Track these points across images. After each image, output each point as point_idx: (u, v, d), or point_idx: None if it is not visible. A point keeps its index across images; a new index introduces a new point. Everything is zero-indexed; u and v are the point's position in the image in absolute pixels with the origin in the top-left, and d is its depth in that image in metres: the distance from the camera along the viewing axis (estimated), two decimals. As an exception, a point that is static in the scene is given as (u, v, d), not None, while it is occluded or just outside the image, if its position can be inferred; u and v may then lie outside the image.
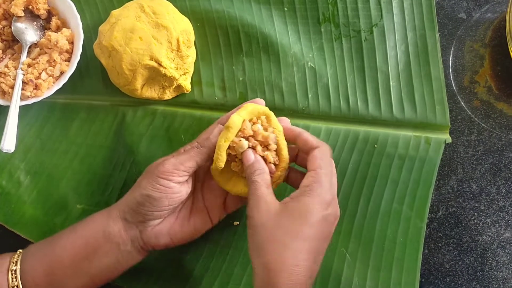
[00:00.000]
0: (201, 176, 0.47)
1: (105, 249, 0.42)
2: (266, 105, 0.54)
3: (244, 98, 0.55)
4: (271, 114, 0.43)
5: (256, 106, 0.43)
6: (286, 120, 0.45)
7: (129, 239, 0.43)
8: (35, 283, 0.42)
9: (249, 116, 0.43)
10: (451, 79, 0.54)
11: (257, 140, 0.42)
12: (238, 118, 0.42)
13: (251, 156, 0.41)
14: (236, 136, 0.42)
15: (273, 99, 0.54)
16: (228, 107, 0.55)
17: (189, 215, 0.45)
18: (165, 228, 0.44)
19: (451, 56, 0.55)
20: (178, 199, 0.42)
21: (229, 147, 0.42)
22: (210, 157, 0.43)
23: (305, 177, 0.40)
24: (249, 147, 0.42)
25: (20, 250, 0.44)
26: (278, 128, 0.43)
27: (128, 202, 0.43)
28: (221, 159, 0.42)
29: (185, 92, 0.55)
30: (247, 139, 0.42)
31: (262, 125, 0.43)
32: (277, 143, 0.42)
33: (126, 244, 0.43)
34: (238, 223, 0.51)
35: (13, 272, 0.41)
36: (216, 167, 0.42)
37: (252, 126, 0.42)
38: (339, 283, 0.48)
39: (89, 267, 0.42)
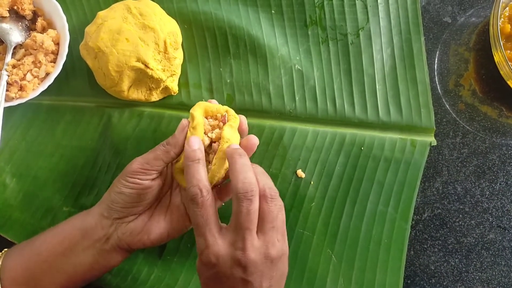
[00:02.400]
0: None
1: (82, 245, 0.43)
2: (254, 107, 0.54)
3: (231, 100, 0.55)
4: (229, 110, 0.44)
5: (210, 104, 0.44)
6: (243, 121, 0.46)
7: (105, 236, 0.43)
8: (13, 279, 0.42)
9: (207, 114, 0.44)
10: (436, 82, 0.55)
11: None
12: (200, 116, 0.43)
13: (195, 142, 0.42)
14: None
15: (260, 101, 0.54)
16: (215, 109, 0.55)
17: (165, 212, 0.45)
18: (140, 225, 0.44)
19: (436, 59, 0.55)
20: (149, 195, 0.43)
21: None
22: (177, 155, 0.44)
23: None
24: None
25: (6, 249, 0.45)
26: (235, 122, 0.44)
27: (104, 200, 0.44)
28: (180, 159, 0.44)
29: (172, 94, 0.55)
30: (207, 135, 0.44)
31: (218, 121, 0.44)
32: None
33: (102, 241, 0.43)
34: (225, 225, 0.51)
35: None
36: (177, 166, 0.44)
37: (210, 122, 0.44)
38: (324, 284, 0.48)
39: (66, 263, 0.43)
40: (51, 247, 0.43)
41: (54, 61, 0.54)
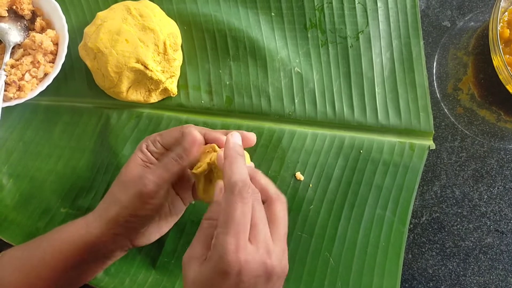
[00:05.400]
0: None
1: (90, 262, 0.42)
2: (253, 110, 0.54)
3: (230, 102, 0.54)
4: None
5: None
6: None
7: (117, 248, 0.42)
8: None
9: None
10: (435, 86, 0.55)
11: None
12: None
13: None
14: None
15: (260, 103, 0.54)
16: (214, 111, 0.55)
17: (168, 207, 0.45)
18: (155, 228, 0.44)
19: (435, 63, 0.55)
20: (162, 205, 0.42)
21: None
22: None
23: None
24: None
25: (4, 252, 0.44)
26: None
27: (113, 219, 0.40)
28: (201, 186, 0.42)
29: (171, 95, 0.55)
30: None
31: None
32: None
33: (114, 252, 0.42)
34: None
35: None
36: (197, 171, 0.42)
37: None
38: (322, 287, 0.48)
39: (73, 277, 0.42)
40: (50, 265, 0.41)
41: (52, 61, 0.54)
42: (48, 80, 0.53)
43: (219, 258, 0.32)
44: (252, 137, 0.43)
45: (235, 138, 0.39)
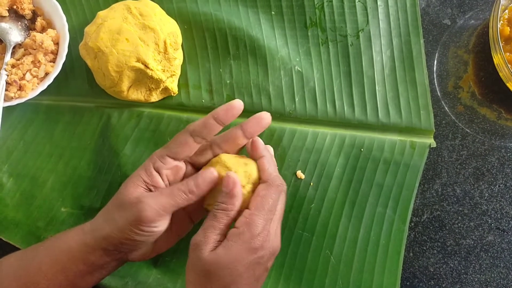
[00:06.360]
0: None
1: (86, 273, 0.41)
2: (254, 108, 0.54)
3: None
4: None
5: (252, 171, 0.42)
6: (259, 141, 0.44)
7: (112, 260, 0.42)
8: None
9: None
10: (436, 84, 0.55)
11: None
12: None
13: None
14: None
15: (260, 102, 0.54)
16: (215, 110, 0.55)
17: (171, 227, 0.43)
18: (151, 249, 0.43)
19: (435, 61, 0.55)
20: (161, 232, 0.41)
21: None
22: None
23: (242, 215, 0.39)
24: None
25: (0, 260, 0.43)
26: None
27: (107, 238, 0.39)
28: None
29: (172, 94, 0.55)
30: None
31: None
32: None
33: (110, 263, 0.42)
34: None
35: None
36: None
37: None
38: (323, 285, 0.48)
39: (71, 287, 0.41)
40: (47, 275, 0.40)
41: (53, 61, 0.54)
42: (49, 80, 0.53)
43: (251, 237, 0.38)
44: (265, 116, 0.43)
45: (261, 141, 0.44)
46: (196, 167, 0.45)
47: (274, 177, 0.41)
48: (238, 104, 0.42)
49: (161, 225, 0.39)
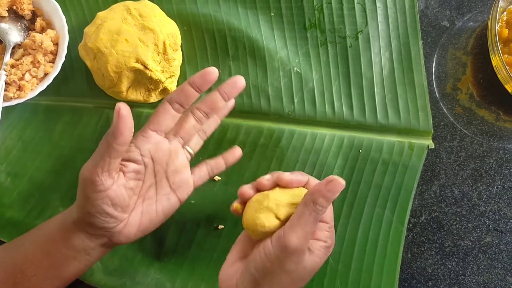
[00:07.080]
0: (163, 162, 0.44)
1: (71, 258, 0.41)
2: (253, 110, 0.54)
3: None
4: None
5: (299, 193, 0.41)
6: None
7: (97, 244, 0.41)
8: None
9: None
10: (434, 86, 0.55)
11: None
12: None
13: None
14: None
15: (259, 103, 0.54)
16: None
17: (155, 205, 0.43)
18: (134, 228, 0.42)
19: (434, 63, 0.56)
20: (116, 192, 0.39)
21: None
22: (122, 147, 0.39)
23: (321, 229, 0.40)
24: None
25: None
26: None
27: (78, 219, 0.40)
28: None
29: (171, 95, 0.55)
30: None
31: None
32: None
33: (94, 249, 0.41)
34: (223, 226, 0.51)
35: None
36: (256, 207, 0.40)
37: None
38: (322, 286, 0.49)
39: (57, 273, 0.41)
40: (34, 262, 0.41)
41: (52, 61, 0.54)
42: (48, 80, 0.53)
43: (330, 248, 0.40)
44: (239, 79, 0.44)
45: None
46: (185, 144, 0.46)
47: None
48: (213, 70, 0.42)
49: (106, 182, 0.38)
